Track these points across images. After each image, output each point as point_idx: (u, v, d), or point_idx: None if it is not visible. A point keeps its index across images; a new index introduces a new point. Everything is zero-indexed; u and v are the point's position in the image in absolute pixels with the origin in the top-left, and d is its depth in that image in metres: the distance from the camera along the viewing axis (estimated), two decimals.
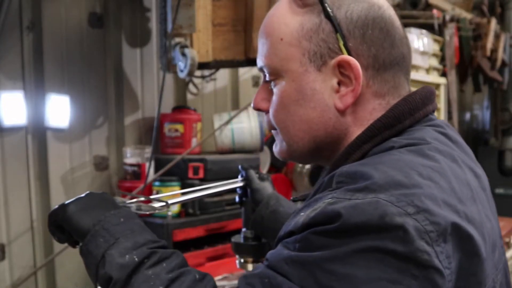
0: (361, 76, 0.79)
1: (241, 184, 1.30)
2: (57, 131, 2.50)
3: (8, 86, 2.35)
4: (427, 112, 0.84)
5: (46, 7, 2.44)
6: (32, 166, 2.45)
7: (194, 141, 2.71)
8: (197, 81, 3.01)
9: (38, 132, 2.46)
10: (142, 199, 1.02)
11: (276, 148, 0.91)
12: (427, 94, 0.85)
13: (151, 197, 1.04)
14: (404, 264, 0.65)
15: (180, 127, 2.69)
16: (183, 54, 2.15)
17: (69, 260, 2.52)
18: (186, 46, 2.17)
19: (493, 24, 4.09)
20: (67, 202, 0.89)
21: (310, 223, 0.69)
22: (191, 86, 3.00)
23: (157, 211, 1.02)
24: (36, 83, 2.44)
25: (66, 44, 2.51)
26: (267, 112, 0.90)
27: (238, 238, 1.32)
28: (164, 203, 1.03)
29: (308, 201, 0.76)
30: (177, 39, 2.19)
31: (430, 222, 0.66)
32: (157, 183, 2.44)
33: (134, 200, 1.01)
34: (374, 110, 0.82)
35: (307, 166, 3.26)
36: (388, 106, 0.82)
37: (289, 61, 0.83)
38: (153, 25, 2.79)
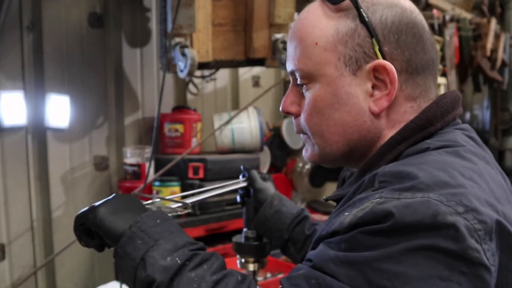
0: (396, 80, 0.81)
1: (244, 184, 1.31)
2: (57, 131, 2.50)
3: (8, 86, 2.35)
4: (456, 115, 0.87)
5: (46, 7, 2.44)
6: (32, 166, 2.45)
7: (194, 141, 2.71)
8: (197, 81, 3.01)
9: (38, 132, 2.46)
10: (157, 200, 1.01)
11: (306, 153, 0.92)
12: (455, 98, 0.87)
13: (168, 197, 1.03)
14: (455, 261, 0.66)
15: (180, 127, 2.69)
16: (183, 54, 2.15)
17: (69, 260, 2.52)
18: (186, 46, 2.17)
19: (493, 24, 4.10)
20: (96, 204, 0.88)
21: (358, 222, 0.70)
22: (191, 86, 3.00)
23: (178, 212, 1.01)
24: (36, 83, 2.44)
25: (66, 44, 2.51)
26: (296, 116, 0.90)
27: (239, 238, 1.32)
28: (181, 204, 1.02)
29: (350, 201, 0.76)
30: (177, 39, 2.19)
31: (478, 221, 0.68)
32: (157, 183, 2.44)
33: (156, 199, 1.00)
34: (406, 112, 0.84)
35: (307, 166, 3.26)
36: (419, 109, 0.84)
37: (324, 65, 0.83)
38: (153, 25, 2.79)
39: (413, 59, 0.82)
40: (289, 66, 0.89)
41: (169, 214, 0.96)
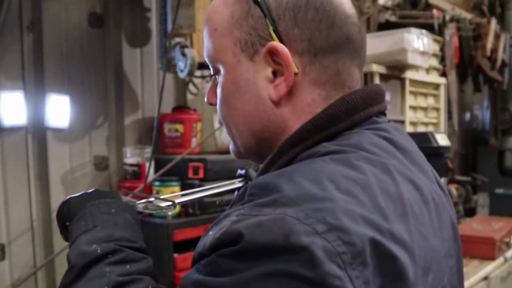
0: (291, 63, 0.73)
1: (241, 184, 1.31)
2: (57, 131, 2.50)
3: (8, 86, 2.35)
4: (370, 113, 0.77)
5: (46, 7, 2.44)
6: (32, 166, 2.45)
7: (194, 141, 2.71)
8: (197, 81, 3.01)
9: (38, 132, 2.46)
10: (152, 199, 1.01)
11: (230, 147, 0.88)
12: (371, 93, 0.77)
13: (162, 197, 1.03)
14: None
15: (180, 127, 2.69)
16: (183, 54, 2.15)
17: None
18: (186, 46, 2.18)
19: (493, 24, 4.10)
20: (69, 196, 0.89)
21: (216, 244, 0.62)
22: (191, 86, 3.01)
23: (164, 210, 1.01)
24: (36, 83, 2.44)
25: (66, 44, 2.51)
26: None
27: None
28: (170, 203, 1.02)
29: (217, 219, 0.69)
30: (177, 39, 2.19)
31: (343, 242, 0.58)
32: (157, 183, 2.44)
33: (144, 200, 1.00)
34: (313, 102, 0.76)
35: None
36: (328, 99, 0.76)
37: (223, 52, 0.78)
38: (153, 25, 2.79)
39: (316, 38, 0.74)
40: (204, 55, 0.85)
41: (154, 212, 0.97)
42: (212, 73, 0.84)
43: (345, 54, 0.76)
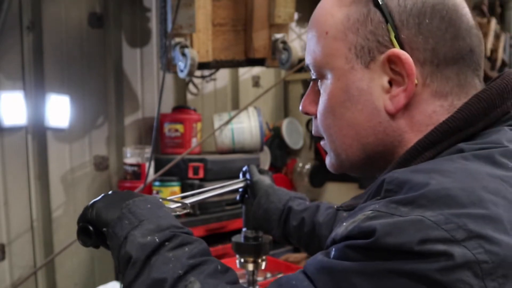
0: (414, 73, 0.68)
1: (243, 184, 1.31)
2: (57, 131, 2.50)
3: (8, 86, 2.35)
4: (508, 108, 0.70)
5: (46, 7, 2.44)
6: (32, 166, 2.45)
7: (194, 141, 2.71)
8: (197, 81, 3.01)
9: (38, 132, 2.46)
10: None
11: (327, 161, 0.82)
12: (508, 85, 0.70)
13: (168, 198, 1.03)
14: None
15: (180, 127, 2.69)
16: (183, 54, 2.15)
17: (69, 260, 2.52)
18: (186, 46, 2.17)
19: (493, 24, 4.10)
20: (94, 200, 0.88)
21: (347, 235, 0.61)
22: (191, 86, 3.01)
23: (177, 212, 1.01)
24: (36, 83, 2.44)
25: (66, 44, 2.51)
26: (316, 116, 0.80)
27: (239, 238, 1.32)
28: (180, 204, 1.02)
29: (353, 211, 0.68)
30: (177, 39, 2.19)
31: (485, 251, 0.54)
32: (157, 183, 2.44)
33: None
34: (435, 113, 0.70)
35: (307, 166, 3.26)
36: (452, 109, 0.70)
37: (334, 57, 0.73)
38: (153, 25, 2.79)
39: (440, 47, 0.69)
40: (305, 59, 0.80)
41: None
42: (313, 77, 0.79)
43: (467, 67, 0.71)
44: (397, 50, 0.69)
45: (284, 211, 1.23)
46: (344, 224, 0.64)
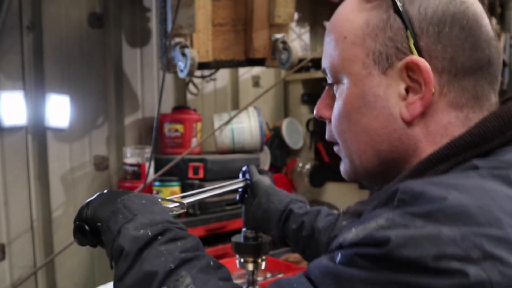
0: (432, 81, 0.68)
1: (243, 184, 1.31)
2: (57, 131, 2.50)
3: (8, 86, 2.35)
4: None
5: (46, 7, 2.44)
6: (32, 166, 2.45)
7: (194, 141, 2.71)
8: (197, 81, 3.01)
9: (38, 132, 2.46)
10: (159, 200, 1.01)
11: (341, 167, 0.81)
12: None
13: (168, 198, 1.03)
14: None
15: (180, 127, 2.69)
16: (183, 54, 2.15)
17: (69, 260, 2.52)
18: (186, 46, 2.17)
19: (493, 24, 4.10)
20: (88, 200, 0.89)
21: (357, 242, 0.60)
22: (191, 86, 3.01)
23: (174, 212, 1.01)
24: (36, 83, 2.44)
25: (66, 44, 2.51)
26: (330, 121, 0.80)
27: (238, 238, 1.32)
28: (178, 204, 1.02)
29: (363, 217, 0.67)
30: (177, 39, 2.19)
31: (499, 272, 0.54)
32: (157, 183, 2.44)
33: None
34: (450, 124, 0.70)
35: (307, 166, 3.26)
36: (466, 121, 0.70)
37: (352, 62, 0.73)
38: (153, 25, 2.79)
39: (458, 57, 0.69)
40: (322, 63, 0.80)
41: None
42: (330, 82, 0.79)
43: (484, 78, 0.71)
44: (415, 57, 0.69)
45: (284, 213, 1.23)
46: (353, 230, 0.63)
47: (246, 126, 2.77)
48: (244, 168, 1.35)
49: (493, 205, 0.58)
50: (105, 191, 0.91)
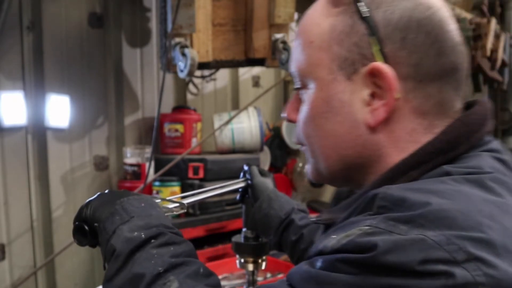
0: (395, 87, 0.68)
1: (244, 184, 1.30)
2: (57, 131, 2.51)
3: (8, 86, 2.35)
4: (483, 134, 0.71)
5: (46, 7, 2.44)
6: (32, 166, 2.45)
7: (194, 141, 2.71)
8: (197, 81, 3.01)
9: (38, 132, 2.46)
10: (158, 200, 1.01)
11: (307, 169, 0.82)
12: (485, 112, 0.72)
13: (168, 198, 1.03)
14: None
15: (180, 127, 2.69)
16: (183, 54, 2.15)
17: (69, 260, 2.52)
18: (186, 46, 2.17)
19: (493, 24, 4.09)
20: (90, 199, 0.88)
21: (340, 249, 0.60)
22: (191, 86, 3.01)
23: (174, 212, 1.01)
24: (36, 83, 2.44)
25: (66, 44, 2.51)
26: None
27: (239, 238, 1.32)
28: (178, 204, 1.02)
29: (342, 223, 0.67)
30: (177, 39, 2.19)
31: (483, 273, 0.55)
32: (157, 183, 2.44)
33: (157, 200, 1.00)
34: (414, 131, 0.70)
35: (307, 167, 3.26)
36: (431, 128, 0.70)
37: (318, 67, 0.73)
38: (153, 25, 2.79)
39: (423, 63, 0.69)
40: (290, 67, 0.80)
41: (165, 214, 0.97)
42: (297, 86, 0.78)
43: (449, 84, 0.71)
44: (379, 63, 0.68)
45: (285, 222, 1.22)
46: (334, 236, 0.62)
47: (246, 126, 2.77)
48: (245, 168, 1.34)
49: (473, 209, 0.59)
50: (106, 191, 0.91)
